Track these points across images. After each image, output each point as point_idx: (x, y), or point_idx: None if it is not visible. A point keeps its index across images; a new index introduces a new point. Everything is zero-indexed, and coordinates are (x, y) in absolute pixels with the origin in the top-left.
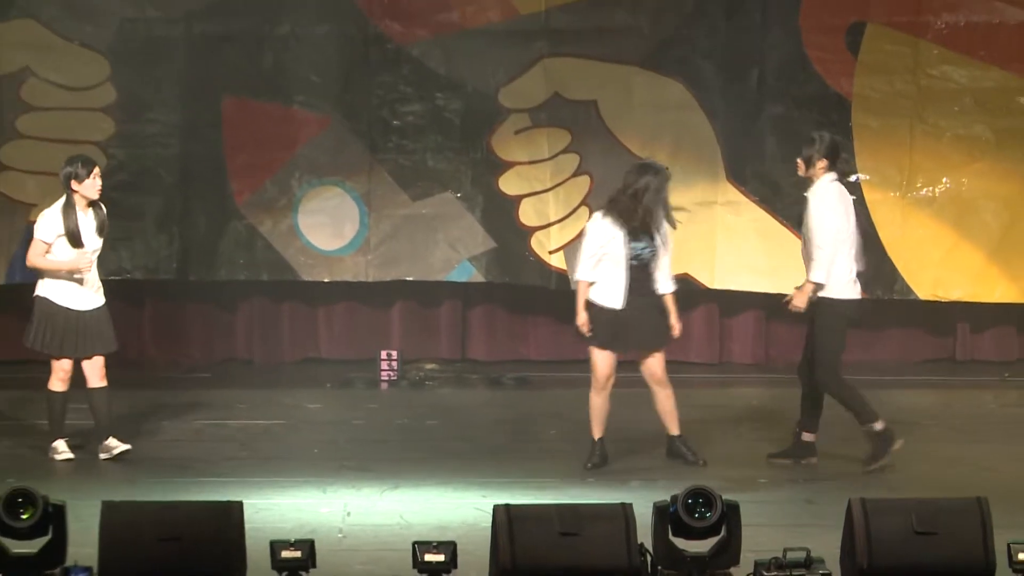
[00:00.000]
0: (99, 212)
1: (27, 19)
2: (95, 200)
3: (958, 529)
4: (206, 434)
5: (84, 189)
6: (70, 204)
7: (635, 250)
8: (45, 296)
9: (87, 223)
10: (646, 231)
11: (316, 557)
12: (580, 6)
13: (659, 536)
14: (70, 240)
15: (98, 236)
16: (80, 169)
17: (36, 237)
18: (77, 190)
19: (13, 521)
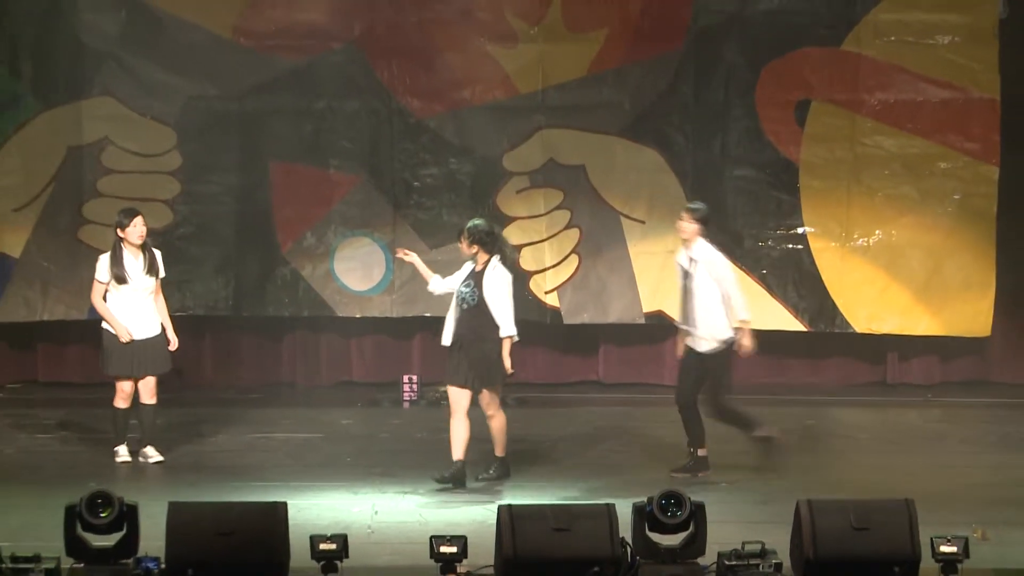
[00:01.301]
0: (148, 254)
1: (106, 96)
2: (146, 244)
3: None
4: (256, 445)
5: (128, 235)
6: (117, 248)
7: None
8: (107, 329)
9: (135, 264)
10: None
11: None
12: (571, 85)
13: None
14: (116, 279)
15: (147, 275)
16: (124, 219)
17: (94, 278)
18: (123, 236)
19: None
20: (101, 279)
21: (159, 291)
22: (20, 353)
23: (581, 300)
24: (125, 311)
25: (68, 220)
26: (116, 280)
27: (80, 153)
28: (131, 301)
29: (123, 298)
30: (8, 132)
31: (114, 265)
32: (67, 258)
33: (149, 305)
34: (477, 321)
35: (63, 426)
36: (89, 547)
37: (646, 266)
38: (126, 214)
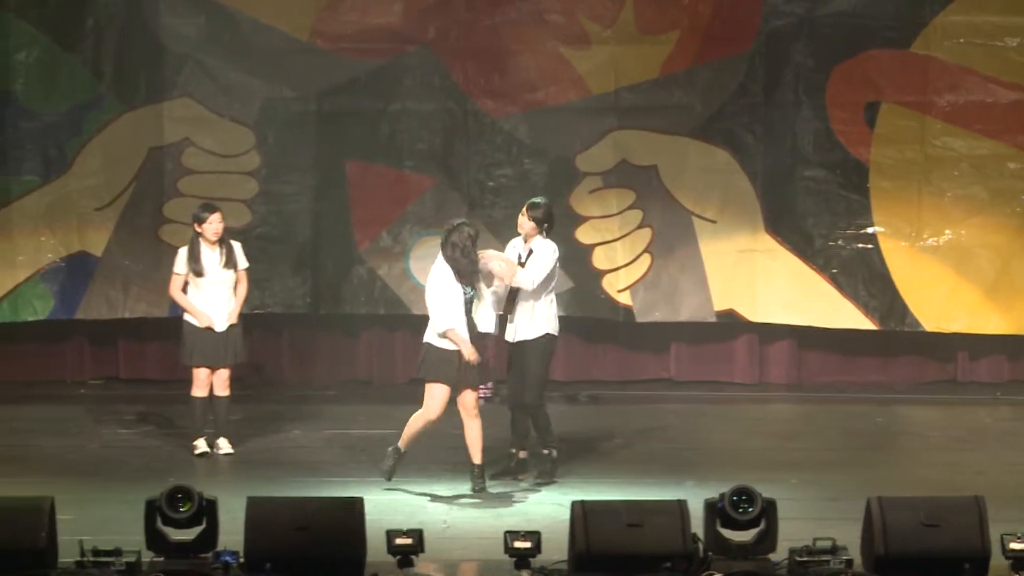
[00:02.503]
0: (225, 249)
1: (187, 98)
2: (223, 238)
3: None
4: (333, 441)
5: (204, 231)
6: (195, 242)
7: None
8: (187, 320)
9: (212, 258)
10: (466, 279)
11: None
12: (643, 87)
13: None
14: (193, 273)
15: (224, 269)
16: (201, 213)
17: (172, 271)
18: (200, 231)
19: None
20: (178, 271)
21: (243, 280)
22: (102, 350)
23: (653, 299)
24: (202, 304)
25: (149, 219)
26: (194, 274)
27: (161, 154)
28: (208, 294)
29: (200, 291)
30: (91, 133)
31: (191, 259)
32: (148, 257)
33: (225, 298)
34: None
35: (143, 422)
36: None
37: (717, 265)
38: (204, 209)
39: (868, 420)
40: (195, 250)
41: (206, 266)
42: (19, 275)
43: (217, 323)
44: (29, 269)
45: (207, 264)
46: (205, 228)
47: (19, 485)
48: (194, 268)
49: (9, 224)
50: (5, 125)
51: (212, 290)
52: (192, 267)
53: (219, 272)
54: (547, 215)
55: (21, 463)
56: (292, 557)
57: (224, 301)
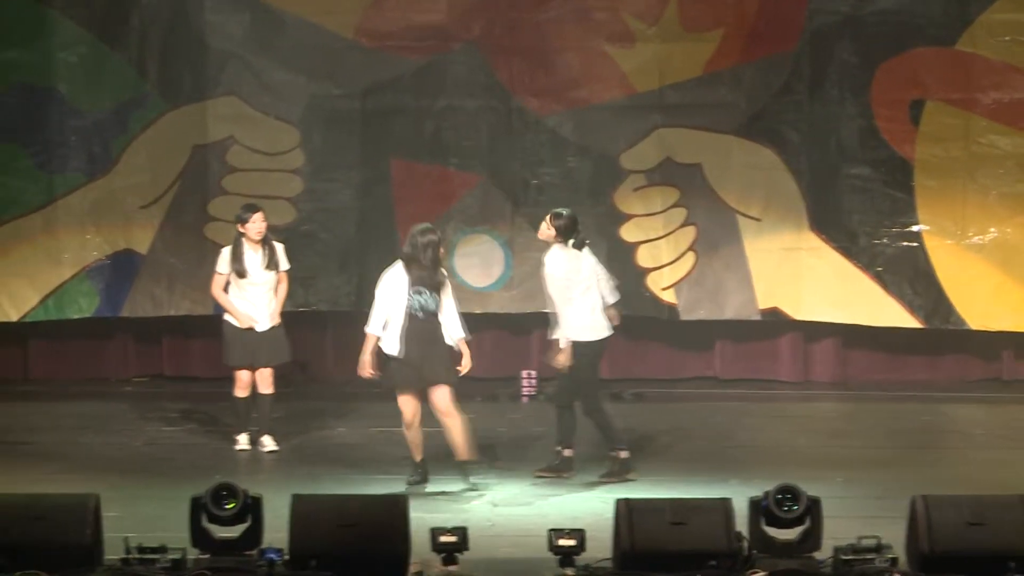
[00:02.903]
0: (268, 250)
1: (231, 96)
2: (267, 239)
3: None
4: (377, 438)
5: (248, 231)
6: (238, 243)
7: (419, 302)
8: (228, 320)
9: (255, 259)
10: (428, 285)
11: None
12: (688, 85)
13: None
14: (236, 273)
15: (266, 270)
16: (244, 214)
17: (215, 270)
18: (243, 231)
19: (219, 510)
20: (221, 271)
21: (283, 281)
22: (146, 348)
23: (697, 296)
24: (244, 304)
25: (194, 217)
26: (236, 274)
27: (205, 152)
28: (250, 295)
29: (241, 292)
30: (135, 131)
31: (234, 260)
32: (193, 254)
33: (267, 299)
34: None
35: (188, 419)
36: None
37: (762, 263)
38: (246, 209)
39: (913, 418)
40: (238, 251)
41: (248, 267)
42: (64, 273)
43: (259, 323)
44: (74, 267)
45: (250, 265)
46: (248, 228)
47: (65, 482)
48: (237, 269)
49: (55, 222)
50: (51, 123)
51: (254, 291)
52: (235, 268)
53: (261, 273)
54: (569, 226)
55: (67, 460)
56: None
57: (265, 302)
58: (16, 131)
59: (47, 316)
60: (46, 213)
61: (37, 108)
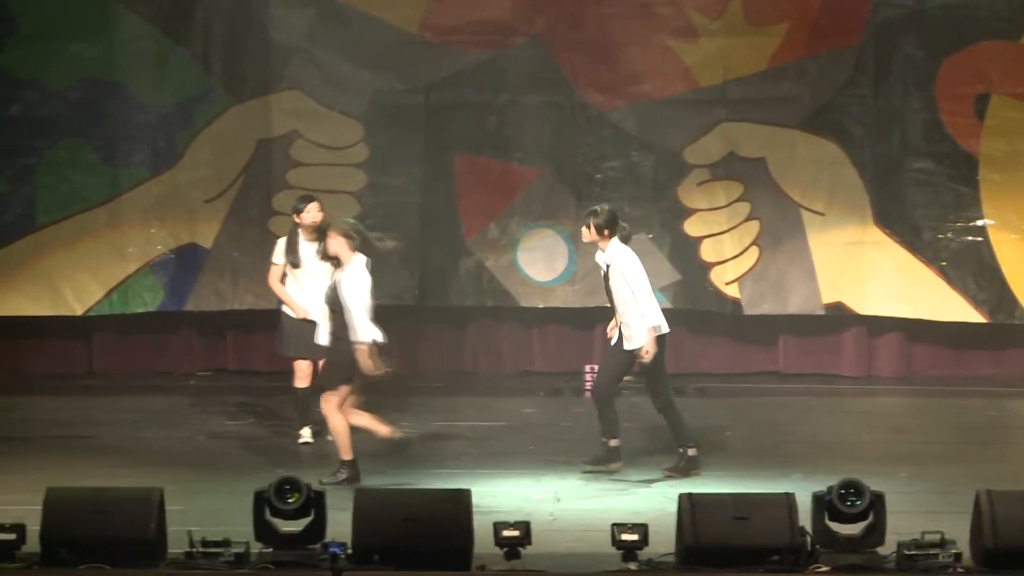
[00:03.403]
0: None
1: (295, 90)
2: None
3: None
4: (439, 433)
5: (302, 220)
6: (293, 233)
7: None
8: (284, 311)
9: (309, 250)
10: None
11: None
12: (752, 79)
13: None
14: (290, 263)
15: (321, 261)
16: (299, 204)
17: (271, 260)
18: (298, 221)
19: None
20: (276, 262)
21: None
22: (210, 342)
23: (761, 291)
24: (299, 294)
25: (258, 211)
26: (290, 265)
27: (269, 146)
28: (304, 285)
29: (297, 282)
30: (200, 125)
31: (288, 250)
32: (257, 248)
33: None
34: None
35: (252, 413)
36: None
37: (825, 257)
38: (301, 200)
39: (977, 413)
40: (293, 241)
41: (303, 257)
42: (129, 267)
43: (313, 314)
44: (139, 261)
45: (304, 255)
46: (303, 218)
47: (129, 476)
48: (291, 259)
49: (119, 216)
50: (115, 117)
51: (309, 281)
52: (289, 258)
53: (316, 264)
54: (612, 220)
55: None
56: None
57: (321, 293)
58: (81, 125)
59: (111, 310)
60: (111, 207)
61: (101, 102)
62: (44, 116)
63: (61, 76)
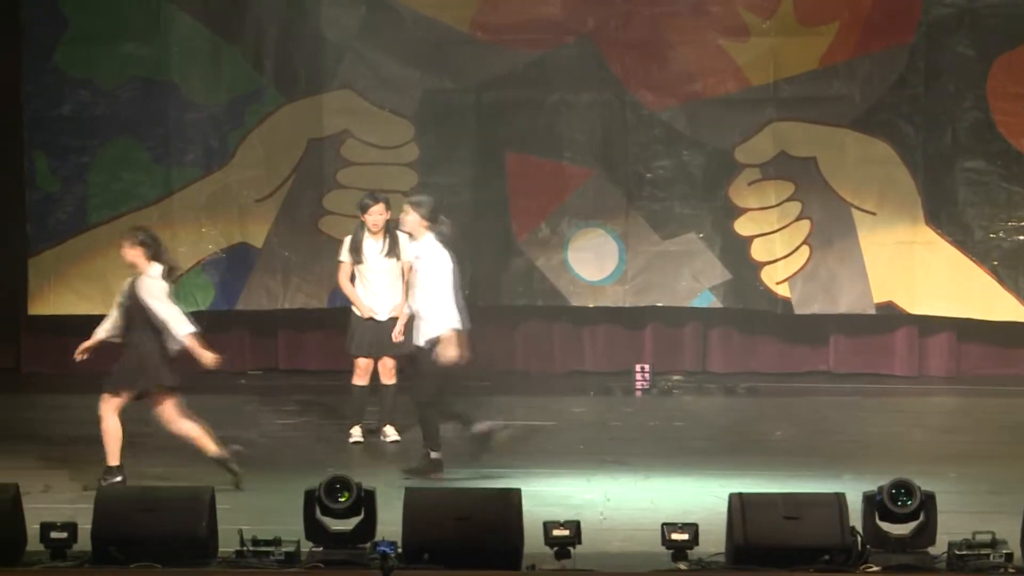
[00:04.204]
0: (389, 239)
1: (346, 90)
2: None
3: None
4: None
5: (367, 220)
6: (358, 231)
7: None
8: (352, 309)
9: (374, 247)
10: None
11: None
12: (803, 78)
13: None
14: (354, 260)
15: (385, 258)
16: (366, 201)
17: (338, 258)
18: (364, 219)
19: (332, 503)
20: (342, 259)
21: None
22: (261, 340)
23: (811, 290)
24: (364, 291)
25: (309, 211)
26: (355, 262)
27: (321, 145)
28: (370, 283)
29: (363, 280)
30: (252, 124)
31: (352, 247)
32: (308, 248)
33: (388, 287)
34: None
35: (302, 412)
36: (328, 531)
37: (877, 257)
38: (369, 198)
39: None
40: (357, 238)
41: (367, 254)
42: (180, 266)
43: (379, 312)
44: (190, 260)
45: (368, 252)
46: (367, 219)
47: (179, 475)
48: (355, 257)
49: (171, 215)
50: (168, 116)
51: (374, 279)
52: (352, 256)
53: (381, 261)
54: (433, 212)
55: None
56: (450, 548)
57: (387, 290)
58: (133, 124)
59: None
60: (162, 207)
61: (154, 101)
62: (96, 115)
63: (113, 75)
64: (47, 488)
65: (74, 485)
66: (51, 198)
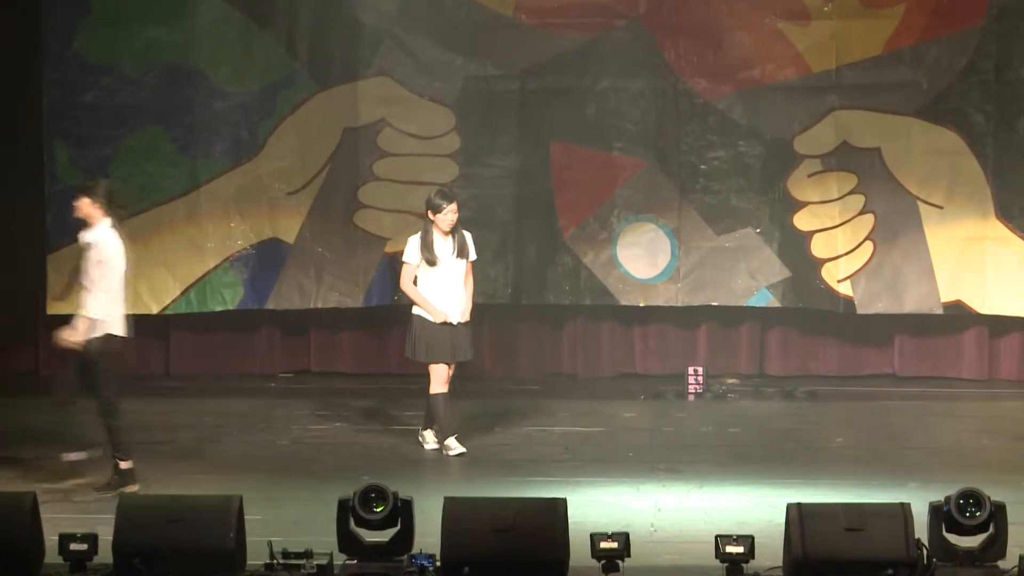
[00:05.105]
0: (459, 238)
1: (384, 77)
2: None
3: None
4: (534, 439)
5: (438, 221)
6: (427, 231)
7: None
8: (419, 314)
9: (445, 247)
10: None
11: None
12: (866, 64)
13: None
14: (426, 261)
15: (457, 259)
16: (440, 201)
17: (403, 260)
18: (433, 220)
19: (367, 514)
20: (411, 261)
21: (470, 273)
22: (293, 341)
23: (875, 289)
24: (436, 295)
25: (343, 204)
26: (426, 263)
27: (356, 135)
28: (441, 285)
29: (434, 281)
30: (284, 113)
31: (424, 247)
32: (342, 244)
33: (459, 289)
34: None
35: (336, 417)
36: (362, 543)
37: (944, 253)
38: (443, 197)
39: None
40: (428, 238)
41: (439, 255)
42: (208, 263)
43: (452, 315)
44: (218, 256)
45: (440, 253)
46: (439, 219)
47: (207, 483)
48: (427, 257)
49: (198, 209)
50: (195, 105)
51: (445, 280)
52: (425, 256)
53: (452, 261)
54: (109, 198)
55: (209, 459)
56: (491, 560)
57: (458, 291)
58: (159, 114)
59: (189, 309)
60: (189, 200)
61: (181, 89)
62: (120, 104)
63: (138, 62)
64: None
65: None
66: (72, 191)
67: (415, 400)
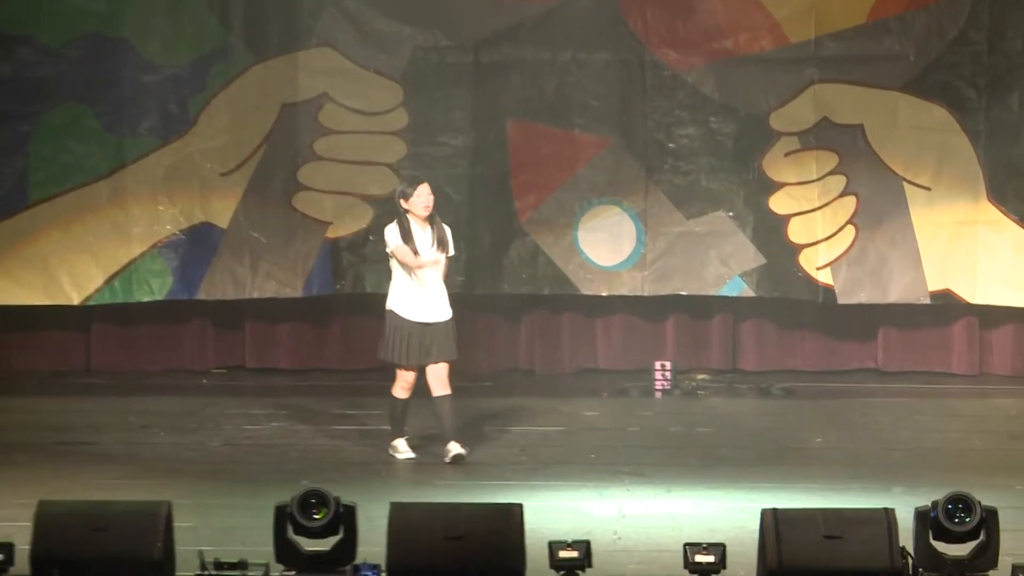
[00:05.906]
0: (438, 229)
1: (326, 48)
2: (433, 217)
3: None
4: (488, 439)
5: (412, 206)
6: (403, 219)
7: None
8: (392, 310)
9: (424, 238)
10: None
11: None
12: (848, 34)
13: (920, 540)
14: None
15: (437, 251)
16: (407, 188)
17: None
18: (407, 207)
19: (307, 520)
20: (398, 242)
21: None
22: (226, 334)
23: (857, 277)
24: (413, 289)
25: (281, 186)
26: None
27: (295, 111)
28: (422, 278)
29: (412, 276)
30: (216, 88)
31: (404, 238)
32: (280, 228)
33: (439, 284)
34: None
35: (273, 417)
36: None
37: (932, 239)
38: (410, 183)
39: None
40: (405, 228)
41: (420, 245)
42: (133, 249)
43: (428, 314)
44: (145, 243)
45: (420, 243)
46: (413, 203)
47: (133, 488)
48: (409, 247)
49: (123, 191)
50: (121, 79)
51: (425, 274)
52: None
53: (432, 253)
54: None
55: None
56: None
57: (438, 286)
58: (81, 88)
59: (113, 299)
60: (113, 181)
61: (105, 62)
62: (40, 77)
63: (59, 32)
64: None
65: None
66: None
67: (358, 398)
